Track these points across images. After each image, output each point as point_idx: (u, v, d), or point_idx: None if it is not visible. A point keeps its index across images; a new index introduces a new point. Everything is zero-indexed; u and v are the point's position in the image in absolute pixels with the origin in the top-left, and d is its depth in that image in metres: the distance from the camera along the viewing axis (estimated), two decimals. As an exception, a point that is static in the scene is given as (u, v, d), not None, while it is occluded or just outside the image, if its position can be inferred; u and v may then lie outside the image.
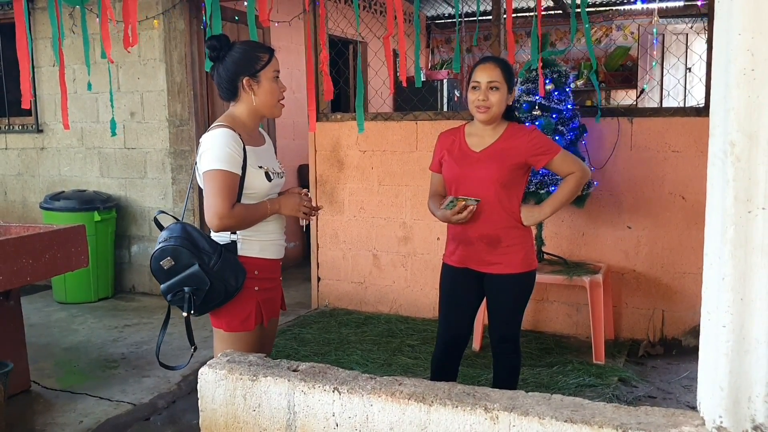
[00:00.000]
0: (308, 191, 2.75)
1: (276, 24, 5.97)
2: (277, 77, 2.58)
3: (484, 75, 2.85)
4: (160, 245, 2.45)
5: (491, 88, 2.84)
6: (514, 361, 3.06)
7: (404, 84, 3.49)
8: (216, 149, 2.42)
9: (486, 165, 2.88)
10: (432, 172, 3.13)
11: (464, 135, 3.01)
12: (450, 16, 9.76)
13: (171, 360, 3.90)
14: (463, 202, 2.83)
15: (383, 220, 5.36)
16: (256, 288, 2.53)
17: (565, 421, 1.62)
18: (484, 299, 3.10)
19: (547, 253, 4.64)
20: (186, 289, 2.41)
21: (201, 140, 2.51)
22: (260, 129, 2.76)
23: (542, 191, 4.22)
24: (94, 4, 4.10)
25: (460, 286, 3.04)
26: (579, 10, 3.55)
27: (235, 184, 2.44)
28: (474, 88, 2.88)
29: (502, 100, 2.88)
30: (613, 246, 4.70)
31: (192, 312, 2.44)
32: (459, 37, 3.59)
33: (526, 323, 4.96)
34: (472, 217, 2.88)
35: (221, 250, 2.45)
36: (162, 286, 2.47)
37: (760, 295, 1.45)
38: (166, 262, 2.42)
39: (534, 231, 4.56)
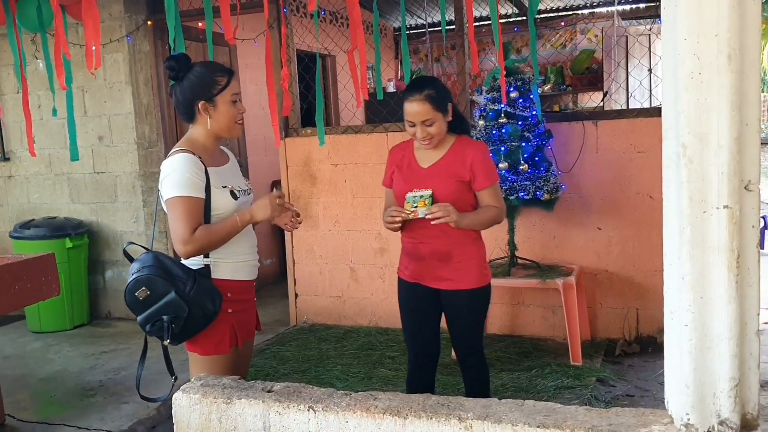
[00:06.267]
0: (281, 192, 2.72)
1: (241, 41, 5.97)
2: (236, 101, 2.56)
3: (415, 115, 2.80)
4: (134, 276, 2.42)
5: (427, 125, 2.81)
6: (481, 373, 3.05)
7: (366, 97, 3.52)
8: (175, 175, 2.41)
9: (433, 182, 2.85)
10: (385, 187, 3.10)
11: (413, 150, 2.98)
12: (416, 27, 9.82)
13: (151, 385, 3.85)
14: (409, 211, 2.78)
15: (358, 232, 5.37)
16: (230, 310, 2.51)
17: (538, 427, 1.63)
18: None
19: (520, 258, 4.68)
20: (164, 317, 2.38)
21: (161, 166, 2.50)
22: (223, 148, 2.74)
23: (512, 197, 4.26)
24: (58, 29, 4.08)
25: (417, 301, 3.02)
26: (538, 16, 3.61)
27: (197, 208, 2.42)
28: (410, 125, 2.84)
29: (441, 126, 2.84)
30: (584, 247, 4.75)
31: (170, 341, 2.42)
32: (407, 48, 3.63)
33: (504, 328, 5.01)
34: (424, 233, 2.87)
35: (195, 276, 2.43)
36: (139, 317, 2.44)
37: (719, 292, 1.48)
38: (141, 293, 2.39)
39: (508, 237, 4.61)
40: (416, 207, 2.77)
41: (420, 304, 3.02)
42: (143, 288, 2.40)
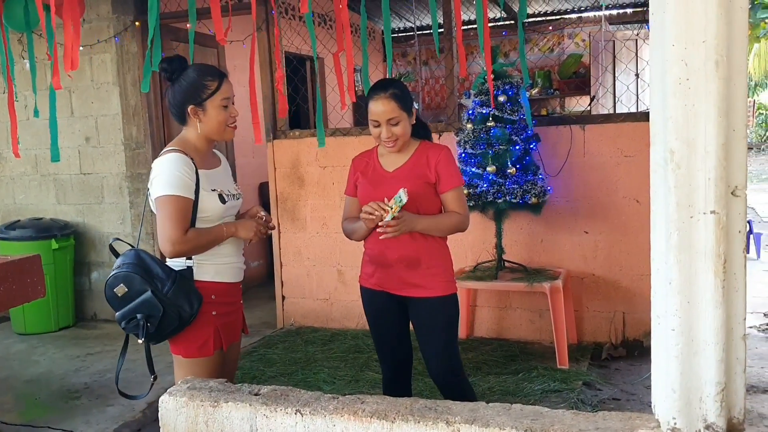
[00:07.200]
0: (262, 209, 2.72)
1: (230, 43, 5.96)
2: (227, 105, 2.55)
3: (381, 114, 2.75)
4: (114, 272, 2.44)
5: (392, 124, 2.77)
6: (465, 392, 2.90)
7: (353, 100, 3.53)
8: (166, 174, 2.41)
9: (400, 184, 2.75)
10: (347, 196, 3.04)
11: (377, 156, 2.95)
12: (404, 30, 9.84)
13: (135, 388, 3.83)
14: (390, 207, 2.68)
15: (345, 235, 5.35)
16: (214, 313, 2.51)
17: (525, 431, 1.64)
18: None
19: (508, 261, 4.69)
20: (138, 315, 2.39)
21: (153, 165, 2.50)
22: (215, 151, 2.74)
23: (499, 201, 4.27)
24: (43, 30, 4.05)
25: (384, 311, 2.94)
26: (526, 20, 3.62)
27: (187, 208, 2.43)
28: (375, 126, 2.79)
29: (406, 127, 2.80)
30: (571, 251, 4.77)
31: (144, 339, 2.42)
32: (391, 49, 3.63)
33: (491, 331, 5.02)
34: (390, 238, 2.77)
35: (175, 276, 2.43)
36: (116, 313, 2.46)
37: (706, 297, 1.49)
38: (120, 289, 2.41)
39: (495, 241, 4.62)
40: (392, 209, 2.67)
41: (388, 313, 2.93)
42: (121, 284, 2.42)
